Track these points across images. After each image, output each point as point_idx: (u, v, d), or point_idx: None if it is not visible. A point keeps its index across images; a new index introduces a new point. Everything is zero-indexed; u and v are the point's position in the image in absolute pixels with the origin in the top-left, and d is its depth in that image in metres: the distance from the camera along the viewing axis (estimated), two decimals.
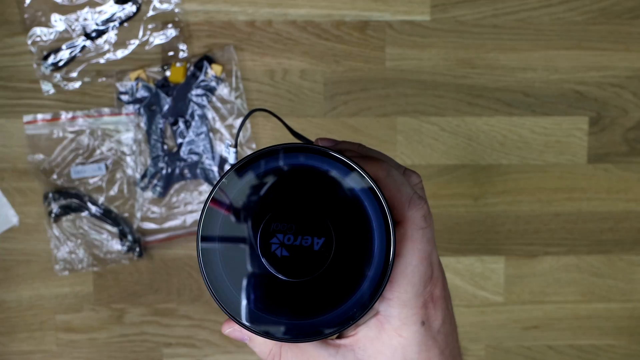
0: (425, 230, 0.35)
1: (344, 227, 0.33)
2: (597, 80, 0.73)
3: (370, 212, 0.33)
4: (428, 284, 0.37)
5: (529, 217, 0.75)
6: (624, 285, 0.76)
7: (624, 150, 0.74)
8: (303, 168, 0.33)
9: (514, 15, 0.72)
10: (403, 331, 0.37)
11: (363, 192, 0.33)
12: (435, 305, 0.38)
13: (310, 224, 0.32)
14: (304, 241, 0.32)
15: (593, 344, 0.77)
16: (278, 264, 0.32)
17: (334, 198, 0.33)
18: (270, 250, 0.32)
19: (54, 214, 0.73)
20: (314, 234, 0.32)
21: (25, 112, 0.72)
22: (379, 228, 0.33)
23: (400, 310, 0.37)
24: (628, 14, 0.72)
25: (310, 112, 0.73)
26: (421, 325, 0.38)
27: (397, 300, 0.36)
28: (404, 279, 0.36)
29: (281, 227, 0.32)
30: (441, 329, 0.39)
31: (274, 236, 0.32)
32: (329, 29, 0.72)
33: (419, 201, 0.35)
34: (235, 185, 0.32)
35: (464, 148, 0.74)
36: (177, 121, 0.72)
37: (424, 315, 0.38)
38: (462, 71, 0.73)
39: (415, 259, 0.35)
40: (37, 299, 0.74)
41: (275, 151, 0.32)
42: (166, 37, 0.72)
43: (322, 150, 0.32)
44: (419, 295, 0.37)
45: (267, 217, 0.32)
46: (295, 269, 0.32)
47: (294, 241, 0.32)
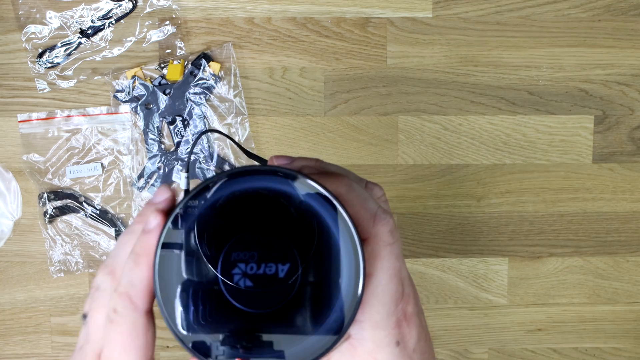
0: (392, 247, 0.34)
1: (308, 250, 0.31)
2: (602, 79, 0.72)
3: (335, 232, 0.31)
4: (400, 302, 0.36)
5: (533, 218, 0.74)
6: (630, 287, 0.75)
7: (630, 150, 0.73)
8: (260, 191, 0.31)
9: (518, 12, 0.71)
10: (377, 354, 0.35)
11: (326, 212, 0.30)
12: (409, 323, 0.36)
13: (273, 250, 0.30)
14: (268, 269, 0.30)
15: (598, 347, 0.76)
16: (242, 296, 0.30)
17: (295, 220, 0.31)
18: (232, 281, 0.30)
19: (49, 214, 0.71)
20: (277, 260, 0.30)
21: (20, 110, 0.71)
22: (345, 248, 0.30)
23: (373, 332, 0.34)
24: (634, 10, 0.71)
25: (310, 111, 0.72)
26: (396, 346, 0.36)
27: (369, 322, 0.34)
28: (375, 299, 0.34)
29: (242, 255, 0.30)
30: (416, 348, 0.37)
31: (235, 266, 0.30)
32: (329, 26, 0.71)
33: (384, 216, 0.33)
34: (189, 217, 0.31)
35: (466, 147, 0.72)
36: (174, 120, 0.71)
37: (398, 334, 0.36)
38: (465, 69, 0.72)
39: (385, 277, 0.33)
40: (31, 301, 0.73)
41: (227, 176, 0.30)
42: (163, 34, 0.71)
43: (276, 171, 0.30)
44: (391, 315, 0.35)
45: (227, 246, 0.30)
46: (261, 299, 0.30)
47: (257, 270, 0.30)
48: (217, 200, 0.30)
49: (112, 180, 0.72)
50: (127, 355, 0.32)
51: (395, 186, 0.73)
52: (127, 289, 0.32)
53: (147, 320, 0.32)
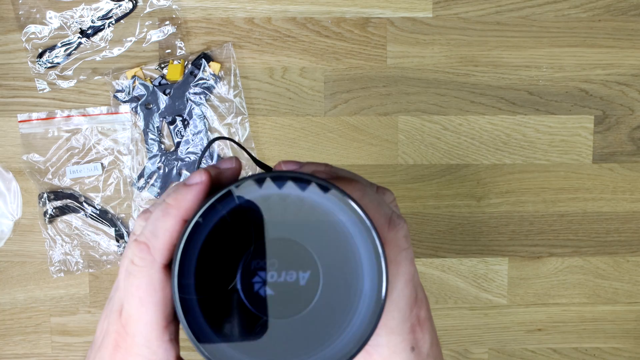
0: (407, 252, 0.34)
1: (329, 257, 0.30)
2: (602, 79, 0.72)
3: (356, 238, 0.30)
4: (414, 307, 0.35)
5: (533, 218, 0.73)
6: (630, 287, 0.75)
7: (630, 150, 0.73)
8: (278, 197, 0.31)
9: (518, 12, 0.71)
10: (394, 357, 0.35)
11: (346, 217, 0.30)
12: (423, 328, 0.36)
13: (294, 257, 0.30)
14: (289, 277, 0.30)
15: (598, 347, 0.76)
16: (262, 304, 0.30)
17: (315, 227, 0.31)
18: (253, 290, 0.30)
19: (49, 214, 0.71)
20: (298, 268, 0.30)
21: (20, 110, 0.71)
22: (367, 254, 0.30)
23: (388, 338, 0.34)
24: (634, 10, 0.71)
25: (310, 111, 0.72)
26: (411, 352, 0.36)
27: (385, 328, 0.34)
28: (391, 305, 0.34)
29: (263, 264, 0.30)
30: (430, 352, 0.37)
31: (255, 275, 0.30)
32: (329, 26, 0.71)
33: (398, 221, 0.33)
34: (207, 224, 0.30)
35: (466, 147, 0.72)
36: (174, 120, 0.71)
37: (413, 340, 0.36)
38: (465, 69, 0.72)
39: (401, 283, 0.33)
40: (31, 301, 0.73)
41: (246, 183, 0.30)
42: (163, 34, 0.71)
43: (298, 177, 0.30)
44: (406, 320, 0.35)
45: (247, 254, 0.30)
46: (282, 307, 0.30)
47: (278, 278, 0.30)
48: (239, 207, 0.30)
49: (112, 180, 0.72)
50: (146, 311, 0.32)
51: (395, 186, 0.73)
52: (147, 239, 0.32)
53: (163, 275, 0.32)
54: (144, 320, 0.32)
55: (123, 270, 0.33)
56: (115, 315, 0.33)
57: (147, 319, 0.32)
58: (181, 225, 0.32)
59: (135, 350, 0.32)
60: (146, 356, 0.32)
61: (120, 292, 0.33)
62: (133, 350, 0.32)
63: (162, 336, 0.32)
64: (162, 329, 0.32)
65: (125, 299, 0.32)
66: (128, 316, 0.32)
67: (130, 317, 0.32)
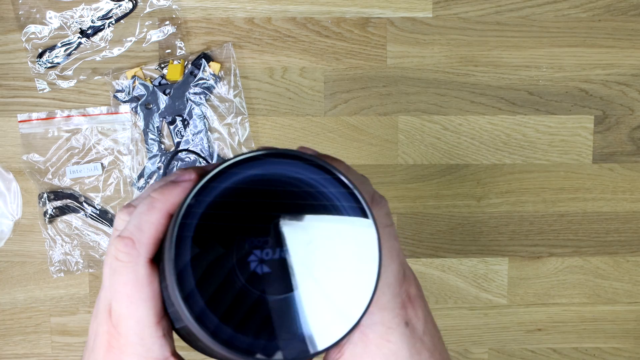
0: (390, 228, 0.34)
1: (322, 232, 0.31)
2: (602, 79, 0.72)
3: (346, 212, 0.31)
4: (403, 284, 0.36)
5: (533, 218, 0.73)
6: (630, 287, 0.75)
7: (630, 150, 0.73)
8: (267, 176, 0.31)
9: (518, 12, 0.71)
10: (390, 336, 0.35)
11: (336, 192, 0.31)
12: (414, 305, 0.36)
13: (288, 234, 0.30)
14: (284, 253, 0.30)
15: (598, 347, 0.76)
16: (260, 282, 0.30)
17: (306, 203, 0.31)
18: (249, 269, 0.30)
19: (49, 214, 0.71)
20: None
21: (20, 110, 0.71)
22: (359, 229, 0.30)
23: (381, 315, 0.34)
24: (634, 10, 0.71)
25: (310, 111, 0.72)
26: (405, 327, 0.36)
27: (376, 305, 0.34)
28: (380, 281, 0.33)
29: (257, 242, 0.30)
30: (426, 330, 0.37)
31: (251, 254, 0.30)
32: (329, 26, 0.71)
33: (380, 199, 0.34)
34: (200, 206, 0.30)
35: (466, 147, 0.72)
36: (174, 120, 0.71)
37: (405, 316, 0.36)
38: (465, 69, 0.72)
39: (387, 259, 0.33)
40: (31, 301, 0.73)
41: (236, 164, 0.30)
42: (163, 34, 0.71)
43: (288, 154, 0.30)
44: (396, 296, 0.35)
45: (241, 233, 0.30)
46: (279, 284, 0.30)
47: (273, 255, 0.30)
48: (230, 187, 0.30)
49: (112, 180, 0.72)
50: (136, 308, 0.31)
51: (395, 186, 0.73)
52: (132, 233, 0.31)
53: (150, 270, 0.31)
54: (135, 317, 0.31)
55: (107, 268, 0.32)
56: (104, 315, 0.33)
57: (138, 316, 0.31)
58: (167, 219, 0.31)
59: (129, 350, 0.32)
60: (141, 354, 0.32)
61: (107, 291, 0.33)
62: (127, 349, 0.32)
63: (155, 332, 0.32)
64: (154, 325, 0.32)
65: (113, 298, 0.32)
66: (118, 315, 0.32)
67: (121, 316, 0.32)
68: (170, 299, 0.31)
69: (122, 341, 0.32)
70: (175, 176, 0.33)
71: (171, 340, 0.33)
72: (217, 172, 0.30)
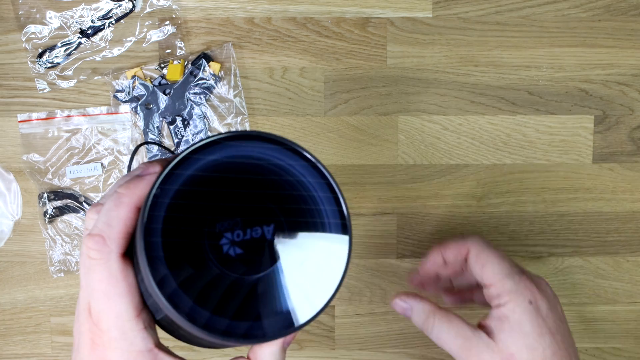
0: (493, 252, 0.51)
1: (289, 207, 0.31)
2: (602, 79, 0.72)
3: (311, 185, 0.31)
4: (522, 275, 0.46)
5: (533, 218, 0.73)
6: (630, 287, 0.75)
7: (630, 150, 0.73)
8: (231, 158, 0.31)
9: (518, 12, 0.71)
10: (516, 308, 0.45)
11: (297, 165, 0.31)
12: (539, 293, 0.46)
13: (255, 213, 0.30)
14: (254, 233, 0.30)
15: (598, 347, 0.76)
16: (234, 264, 0.30)
17: (271, 181, 0.31)
18: (222, 252, 0.30)
19: (49, 214, 0.71)
20: (261, 222, 0.30)
21: (20, 110, 0.71)
22: (325, 198, 0.31)
23: (502, 285, 0.46)
24: (634, 10, 0.71)
25: (310, 111, 0.72)
26: (529, 304, 0.45)
27: (497, 284, 0.46)
28: (489, 264, 0.47)
29: (227, 225, 0.30)
30: (549, 314, 0.45)
31: (222, 237, 0.30)
32: (329, 26, 0.71)
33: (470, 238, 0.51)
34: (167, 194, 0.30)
35: (466, 147, 0.72)
36: (174, 120, 0.71)
37: (530, 296, 0.45)
38: (465, 69, 0.71)
39: (499, 259, 0.48)
40: (31, 301, 0.73)
41: (196, 150, 0.30)
42: (163, 34, 0.71)
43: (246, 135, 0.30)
44: (518, 283, 0.45)
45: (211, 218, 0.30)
46: (253, 264, 0.30)
47: (244, 236, 0.30)
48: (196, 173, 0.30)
49: (112, 180, 0.72)
50: (114, 304, 0.31)
51: (395, 186, 0.73)
52: (101, 230, 0.31)
53: (123, 265, 0.31)
54: (114, 312, 0.31)
55: (82, 267, 0.32)
56: (85, 314, 0.33)
57: (117, 311, 0.31)
58: (135, 213, 0.31)
59: (112, 345, 0.32)
60: (124, 348, 0.32)
61: (84, 291, 0.33)
62: (110, 344, 0.32)
63: (135, 325, 0.32)
64: (134, 319, 0.32)
65: (90, 296, 0.32)
66: (97, 312, 0.32)
67: (100, 313, 0.32)
68: (147, 290, 0.31)
69: (104, 337, 0.32)
70: (140, 170, 0.33)
71: (154, 332, 0.33)
72: (180, 160, 0.30)
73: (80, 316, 0.33)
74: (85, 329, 0.33)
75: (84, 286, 0.33)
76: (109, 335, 0.32)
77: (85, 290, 0.33)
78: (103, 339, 0.32)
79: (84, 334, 0.33)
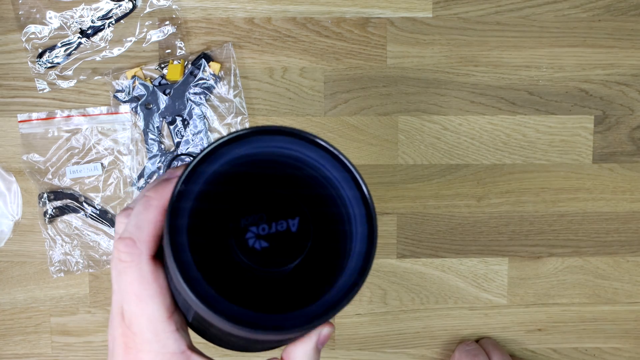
0: None
1: (316, 203, 0.31)
2: (602, 79, 0.72)
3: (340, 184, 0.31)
4: None
5: (533, 218, 0.73)
6: (630, 287, 0.75)
7: (630, 150, 0.73)
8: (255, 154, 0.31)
9: (518, 12, 0.71)
10: None
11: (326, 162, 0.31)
12: None
13: (280, 207, 0.30)
14: (279, 226, 0.30)
15: (598, 347, 0.76)
16: (259, 258, 0.30)
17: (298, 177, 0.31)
18: (247, 246, 0.30)
19: (49, 214, 0.71)
20: (286, 216, 0.30)
21: (20, 110, 0.71)
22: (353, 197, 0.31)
23: None
24: (634, 10, 0.71)
25: (310, 111, 0.72)
26: None
27: None
28: None
29: (252, 219, 0.30)
30: None
31: (247, 231, 0.30)
32: (329, 26, 0.71)
33: None
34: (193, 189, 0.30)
35: (466, 147, 0.72)
36: (174, 120, 0.71)
37: None
38: (465, 69, 0.72)
39: None
40: (31, 301, 0.73)
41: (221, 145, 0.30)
42: (163, 34, 0.71)
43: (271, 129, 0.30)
44: None
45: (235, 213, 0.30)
46: (279, 257, 0.30)
47: (269, 230, 0.30)
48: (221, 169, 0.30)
49: (112, 180, 0.72)
50: (146, 306, 0.31)
51: (395, 186, 0.73)
52: (131, 233, 0.32)
53: (154, 267, 0.32)
54: (145, 315, 0.32)
55: (114, 271, 0.33)
56: (118, 318, 0.33)
57: (149, 313, 0.32)
58: (164, 215, 0.32)
59: (145, 347, 0.32)
60: (157, 350, 0.32)
61: (117, 294, 0.33)
62: (143, 347, 0.32)
63: (168, 327, 0.32)
64: (166, 320, 0.32)
65: (122, 300, 0.32)
66: (130, 315, 0.32)
67: (132, 315, 0.32)
68: (176, 288, 0.31)
69: (137, 340, 0.32)
70: (168, 174, 0.33)
71: (186, 335, 0.34)
72: (204, 155, 0.30)
73: (114, 321, 0.33)
74: (119, 333, 0.33)
75: (116, 290, 0.33)
76: (141, 338, 0.32)
77: (118, 293, 0.33)
78: (136, 341, 0.32)
79: (117, 338, 0.33)
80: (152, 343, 0.32)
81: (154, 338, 0.32)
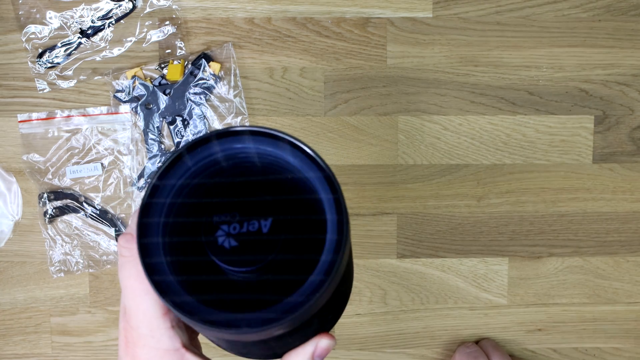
0: None
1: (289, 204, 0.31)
2: (602, 79, 0.72)
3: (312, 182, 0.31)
4: None
5: (533, 218, 0.73)
6: (630, 287, 0.75)
7: (630, 150, 0.73)
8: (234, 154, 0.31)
9: (518, 12, 0.71)
10: None
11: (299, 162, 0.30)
12: None
13: (253, 207, 0.30)
14: (251, 226, 0.30)
15: (598, 347, 0.76)
16: (228, 257, 0.30)
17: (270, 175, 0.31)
18: (217, 244, 0.30)
19: (49, 214, 0.71)
20: (259, 216, 0.30)
21: (20, 110, 0.71)
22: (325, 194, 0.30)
23: None
24: (634, 10, 0.71)
25: (310, 111, 0.72)
26: None
27: None
28: None
29: (224, 217, 0.30)
30: None
31: (218, 229, 0.30)
32: (329, 26, 0.71)
33: None
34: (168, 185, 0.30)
35: (466, 147, 0.72)
36: (174, 120, 0.71)
37: None
38: (465, 69, 0.72)
39: None
40: (31, 301, 0.73)
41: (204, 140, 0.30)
42: (163, 34, 0.71)
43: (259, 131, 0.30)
44: None
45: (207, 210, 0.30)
46: (247, 257, 0.30)
47: (240, 229, 0.30)
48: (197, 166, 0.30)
49: (112, 180, 0.72)
50: (141, 300, 0.32)
51: (395, 186, 0.73)
52: (132, 229, 0.32)
53: None
54: (141, 309, 0.32)
55: (118, 266, 0.34)
56: (122, 313, 0.34)
57: (144, 307, 0.32)
58: None
59: (141, 342, 0.32)
60: (152, 345, 0.32)
61: (121, 291, 0.34)
62: (139, 341, 0.32)
63: (162, 324, 0.32)
64: (161, 317, 0.32)
65: (122, 294, 0.33)
66: (128, 309, 0.33)
67: (130, 310, 0.32)
68: None
69: (134, 334, 0.32)
70: None
71: (181, 332, 0.34)
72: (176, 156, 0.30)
73: (120, 314, 0.34)
74: (121, 327, 0.34)
75: (121, 285, 0.34)
76: (138, 332, 0.32)
77: (121, 289, 0.34)
78: (133, 335, 0.33)
79: (121, 332, 0.34)
80: (147, 338, 0.32)
81: (149, 334, 0.32)
